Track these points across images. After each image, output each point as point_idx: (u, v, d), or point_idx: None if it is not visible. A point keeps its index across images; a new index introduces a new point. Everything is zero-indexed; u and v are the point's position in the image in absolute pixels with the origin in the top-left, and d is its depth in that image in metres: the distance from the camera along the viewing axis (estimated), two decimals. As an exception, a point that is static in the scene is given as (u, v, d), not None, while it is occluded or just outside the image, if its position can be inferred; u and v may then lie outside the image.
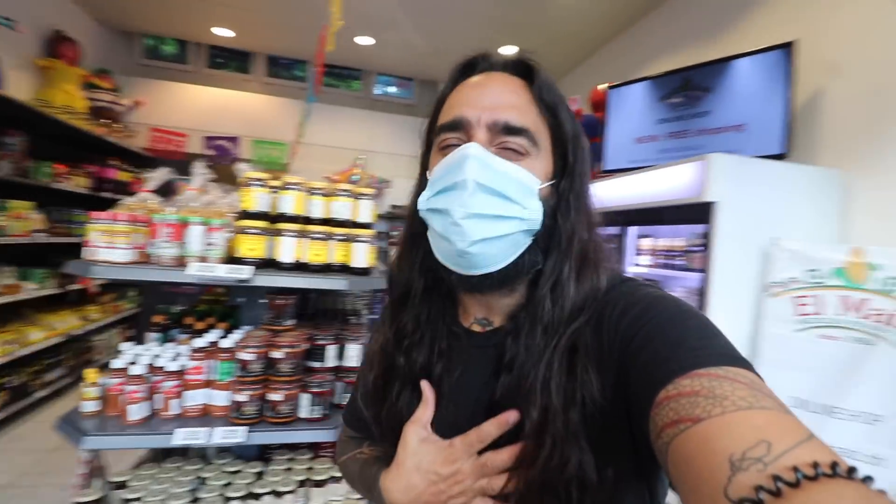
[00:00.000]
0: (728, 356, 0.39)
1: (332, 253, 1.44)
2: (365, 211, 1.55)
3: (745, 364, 0.39)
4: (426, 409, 0.56)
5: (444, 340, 0.59)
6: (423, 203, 0.55)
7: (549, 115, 0.54)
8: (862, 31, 1.97)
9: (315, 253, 1.41)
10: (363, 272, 1.47)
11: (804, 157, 2.14)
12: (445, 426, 0.56)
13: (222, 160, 4.70)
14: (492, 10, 3.63)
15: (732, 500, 0.28)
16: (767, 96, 2.13)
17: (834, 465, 0.27)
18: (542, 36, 3.97)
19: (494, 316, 0.59)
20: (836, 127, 2.04)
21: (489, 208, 0.49)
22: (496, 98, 0.53)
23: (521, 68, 0.56)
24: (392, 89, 5.66)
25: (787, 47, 2.07)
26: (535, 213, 0.52)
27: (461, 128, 0.53)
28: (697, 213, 1.89)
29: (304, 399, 1.38)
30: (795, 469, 0.27)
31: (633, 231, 2.55)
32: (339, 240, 1.45)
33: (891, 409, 1.58)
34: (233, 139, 5.07)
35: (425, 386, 0.57)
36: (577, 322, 0.50)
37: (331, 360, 1.45)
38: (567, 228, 0.53)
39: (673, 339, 0.42)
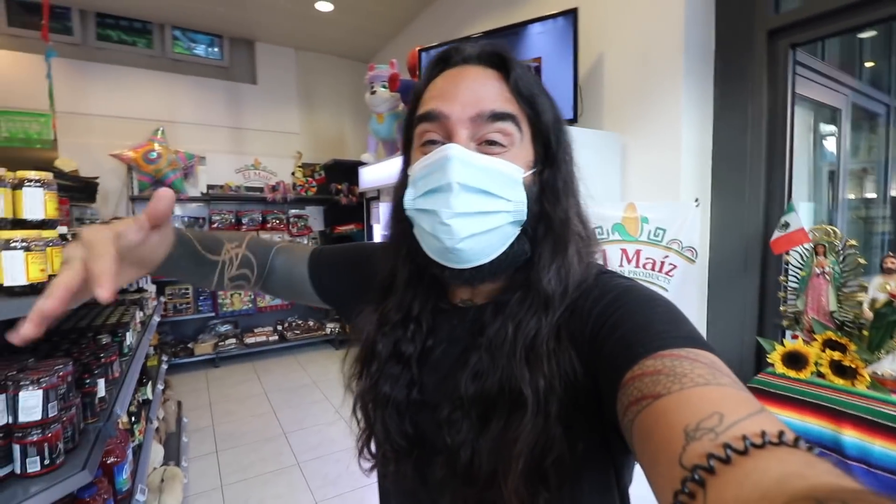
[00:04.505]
0: (691, 339, 0.41)
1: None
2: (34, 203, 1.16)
3: (706, 346, 0.40)
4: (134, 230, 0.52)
5: (430, 318, 0.62)
6: (409, 203, 0.56)
7: (526, 106, 0.54)
8: (631, 1, 2.13)
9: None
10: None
11: (590, 122, 2.30)
12: (427, 391, 0.59)
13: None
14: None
15: (686, 467, 0.29)
16: (559, 63, 2.21)
17: (780, 434, 0.28)
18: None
19: (478, 298, 0.61)
20: (615, 92, 2.21)
21: (475, 206, 0.51)
22: (475, 91, 0.53)
23: (496, 60, 0.55)
24: (197, 48, 4.77)
25: (571, 13, 2.16)
26: (520, 205, 0.53)
27: (440, 120, 0.53)
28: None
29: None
30: (744, 438, 0.28)
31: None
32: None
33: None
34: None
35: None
36: (556, 307, 0.52)
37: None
38: (557, 215, 0.54)
39: (640, 325, 0.44)
